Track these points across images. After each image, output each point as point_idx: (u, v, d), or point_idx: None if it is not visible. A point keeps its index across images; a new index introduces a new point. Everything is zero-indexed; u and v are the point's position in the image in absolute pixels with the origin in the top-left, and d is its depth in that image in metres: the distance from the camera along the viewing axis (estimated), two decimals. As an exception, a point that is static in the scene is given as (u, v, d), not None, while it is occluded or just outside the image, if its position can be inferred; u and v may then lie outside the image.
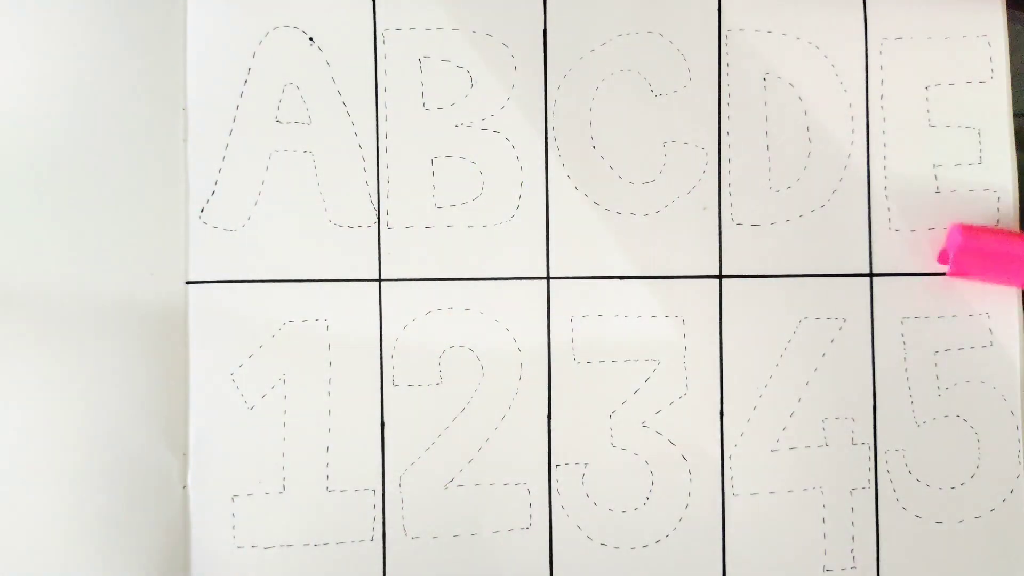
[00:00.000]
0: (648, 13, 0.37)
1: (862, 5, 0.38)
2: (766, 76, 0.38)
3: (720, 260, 0.37)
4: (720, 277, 0.37)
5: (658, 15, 0.37)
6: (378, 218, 0.36)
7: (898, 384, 0.38)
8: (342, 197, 0.35)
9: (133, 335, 0.34)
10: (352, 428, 0.35)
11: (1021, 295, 0.38)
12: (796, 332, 0.37)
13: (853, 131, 0.38)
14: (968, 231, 0.36)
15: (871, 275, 0.38)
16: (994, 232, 0.37)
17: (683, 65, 0.37)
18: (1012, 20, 0.39)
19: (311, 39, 0.36)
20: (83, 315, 0.34)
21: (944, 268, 0.38)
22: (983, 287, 0.38)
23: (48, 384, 0.33)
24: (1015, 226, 0.39)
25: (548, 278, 0.36)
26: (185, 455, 0.34)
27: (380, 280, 0.36)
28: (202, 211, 0.35)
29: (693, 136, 0.37)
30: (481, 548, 0.35)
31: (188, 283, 0.35)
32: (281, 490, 0.35)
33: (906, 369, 0.38)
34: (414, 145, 0.36)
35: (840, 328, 0.38)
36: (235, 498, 0.34)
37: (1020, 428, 0.38)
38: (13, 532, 0.33)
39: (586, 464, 0.36)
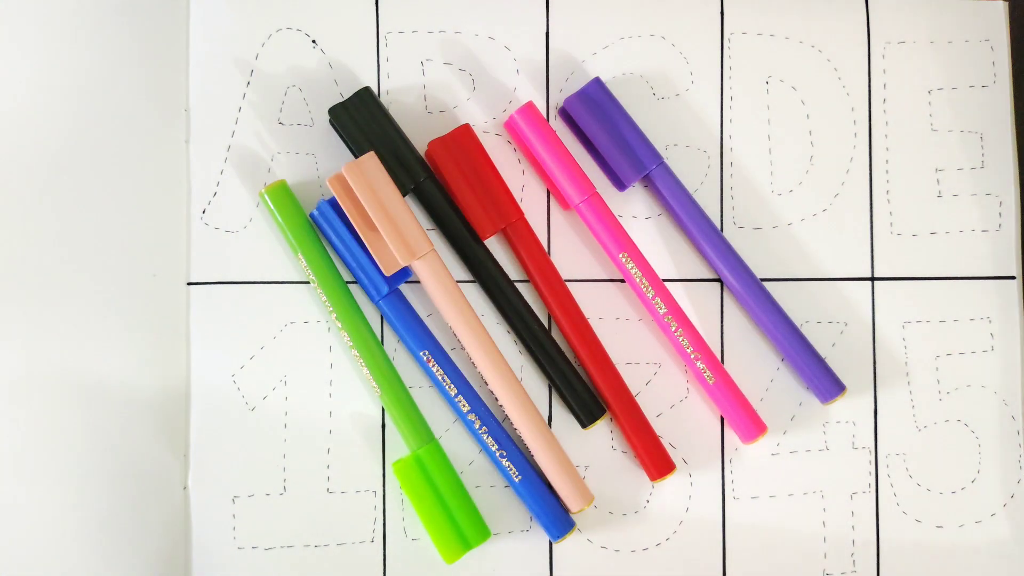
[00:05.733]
0: (650, 16, 0.37)
1: (865, 9, 0.38)
2: (768, 79, 0.38)
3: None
4: (722, 280, 0.37)
5: (660, 18, 0.37)
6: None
7: (899, 388, 0.38)
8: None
9: (134, 336, 0.34)
10: (353, 430, 0.35)
11: (1021, 299, 0.38)
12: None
13: (855, 135, 0.38)
14: None
15: (872, 279, 0.38)
16: None
17: (685, 68, 0.37)
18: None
19: (314, 41, 0.36)
20: (84, 316, 0.34)
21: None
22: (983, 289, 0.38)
23: (49, 385, 0.33)
24: (1017, 230, 0.39)
25: (549, 281, 0.36)
26: (186, 456, 0.34)
27: (381, 282, 0.36)
28: (204, 212, 0.35)
29: (695, 139, 0.37)
30: (481, 550, 0.35)
31: (189, 284, 0.35)
32: (282, 491, 0.35)
33: (907, 373, 0.38)
34: (416, 148, 0.36)
35: (841, 332, 0.38)
36: (236, 499, 0.35)
37: (1021, 433, 0.38)
38: (15, 533, 0.33)
39: (587, 467, 0.36)
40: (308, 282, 0.35)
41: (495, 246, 0.36)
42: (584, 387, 0.35)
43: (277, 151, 0.35)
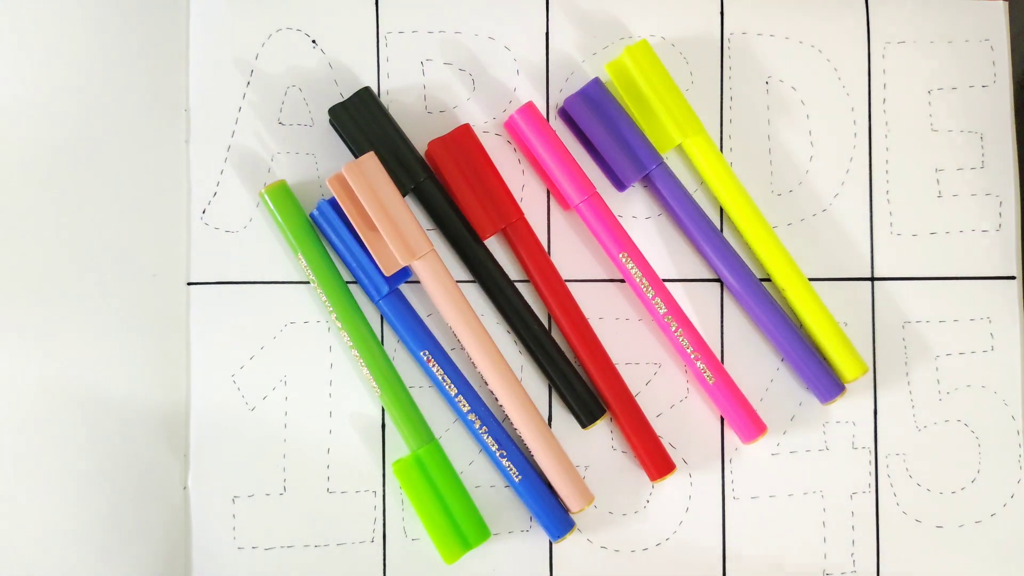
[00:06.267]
0: (651, 16, 0.37)
1: (865, 9, 0.38)
2: (768, 80, 0.38)
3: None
4: (721, 280, 0.37)
5: (661, 18, 0.37)
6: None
7: (899, 388, 0.38)
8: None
9: (134, 336, 0.34)
10: (353, 430, 0.35)
11: (1021, 299, 0.38)
12: (797, 336, 0.37)
13: (855, 135, 0.38)
14: None
15: (872, 279, 0.38)
16: None
17: (685, 68, 0.37)
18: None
19: (314, 41, 0.36)
20: (84, 316, 0.34)
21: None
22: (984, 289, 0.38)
23: (49, 385, 0.33)
24: (1017, 230, 0.39)
25: (549, 281, 0.36)
26: (186, 456, 0.34)
27: (381, 282, 0.36)
28: (204, 212, 0.35)
29: (695, 139, 0.37)
30: (481, 550, 0.35)
31: (189, 284, 0.35)
32: (282, 491, 0.35)
33: (907, 373, 0.38)
34: (416, 148, 0.36)
35: (841, 332, 0.38)
36: (236, 499, 0.35)
37: (1021, 433, 0.38)
38: (15, 533, 0.33)
39: (587, 467, 0.36)
40: (308, 282, 0.35)
41: (495, 246, 0.36)
42: (584, 387, 0.35)
43: (277, 151, 0.35)
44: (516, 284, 0.36)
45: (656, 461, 0.36)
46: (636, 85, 0.36)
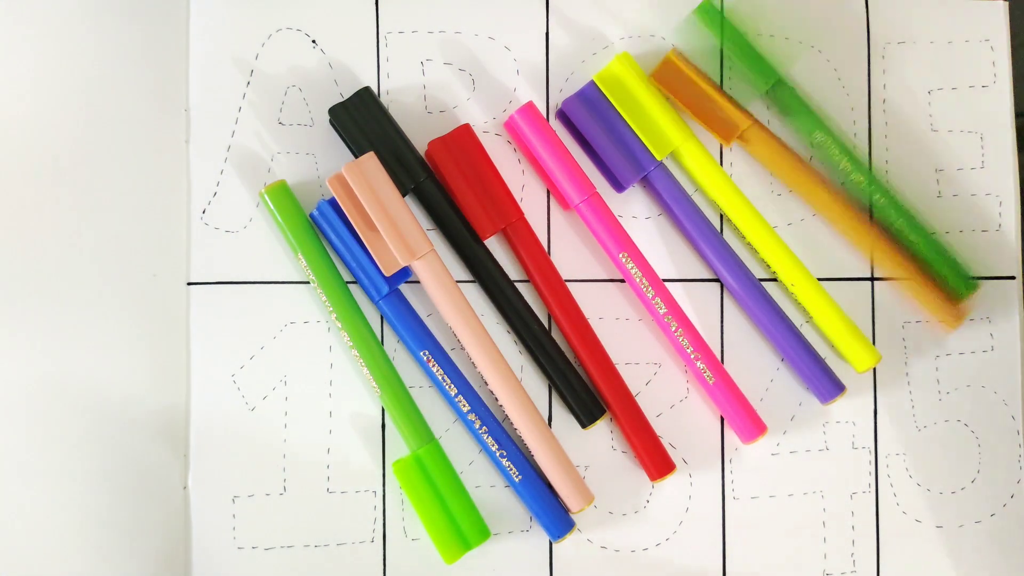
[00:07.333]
0: (650, 17, 0.37)
1: (865, 9, 0.38)
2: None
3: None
4: (721, 281, 0.37)
5: (660, 19, 0.37)
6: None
7: (899, 388, 0.38)
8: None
9: (134, 336, 0.34)
10: (353, 430, 0.35)
11: (1021, 299, 0.39)
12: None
13: (855, 135, 0.38)
14: None
15: (872, 279, 0.38)
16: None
17: (685, 68, 0.37)
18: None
19: (314, 41, 0.36)
20: (84, 316, 0.34)
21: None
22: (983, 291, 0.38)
23: (49, 385, 0.33)
24: (1017, 230, 0.39)
25: (549, 281, 0.36)
26: (186, 456, 0.34)
27: (381, 282, 0.36)
28: (204, 212, 0.35)
29: (695, 139, 0.37)
30: (481, 550, 0.35)
31: (189, 284, 0.35)
32: (282, 491, 0.35)
33: (907, 373, 0.38)
34: (416, 148, 0.36)
35: (841, 332, 0.38)
36: (236, 499, 0.35)
37: (1021, 433, 0.38)
38: (15, 532, 0.33)
39: (587, 467, 0.36)
40: (308, 282, 0.35)
41: (495, 246, 0.36)
42: (584, 387, 0.35)
43: (277, 151, 0.35)
44: (516, 284, 0.36)
45: (656, 461, 0.36)
46: (620, 101, 0.36)
